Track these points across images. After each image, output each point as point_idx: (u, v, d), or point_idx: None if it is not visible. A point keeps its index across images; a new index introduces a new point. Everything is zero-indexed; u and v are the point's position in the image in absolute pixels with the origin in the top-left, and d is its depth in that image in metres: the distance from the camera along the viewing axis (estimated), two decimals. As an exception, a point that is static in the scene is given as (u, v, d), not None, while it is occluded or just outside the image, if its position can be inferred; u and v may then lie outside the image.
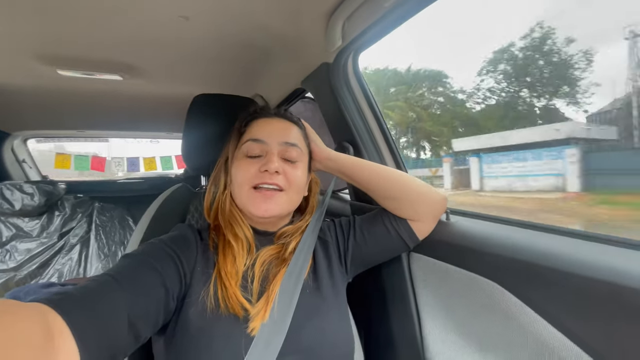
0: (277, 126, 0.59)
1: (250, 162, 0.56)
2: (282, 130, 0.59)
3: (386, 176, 0.64)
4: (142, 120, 1.98)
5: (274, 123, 0.60)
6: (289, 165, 0.57)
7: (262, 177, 0.54)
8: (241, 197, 0.56)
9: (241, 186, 0.56)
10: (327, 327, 0.54)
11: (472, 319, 0.58)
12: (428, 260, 0.67)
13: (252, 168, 0.55)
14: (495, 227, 0.63)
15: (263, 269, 0.55)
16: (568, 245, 0.50)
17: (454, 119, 18.42)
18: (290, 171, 0.56)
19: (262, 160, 0.55)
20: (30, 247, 1.72)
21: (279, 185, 0.55)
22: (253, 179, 0.54)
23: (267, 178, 0.54)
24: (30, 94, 1.39)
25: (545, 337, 0.46)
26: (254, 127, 0.59)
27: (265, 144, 0.56)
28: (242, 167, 0.56)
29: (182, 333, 0.47)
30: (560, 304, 0.45)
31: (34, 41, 0.92)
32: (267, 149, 0.56)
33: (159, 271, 0.45)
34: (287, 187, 0.56)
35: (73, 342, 0.32)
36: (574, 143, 8.61)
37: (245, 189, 0.55)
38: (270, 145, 0.56)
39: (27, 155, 2.24)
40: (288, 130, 0.59)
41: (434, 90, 19.00)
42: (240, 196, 0.56)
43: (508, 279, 0.52)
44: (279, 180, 0.55)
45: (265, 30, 0.87)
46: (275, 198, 0.55)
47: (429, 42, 37.13)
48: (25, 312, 0.30)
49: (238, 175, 0.56)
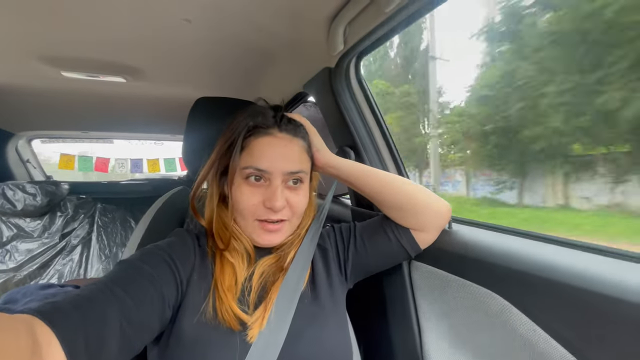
0: (282, 149, 0.54)
1: (253, 190, 0.53)
2: (287, 155, 0.54)
3: (389, 184, 0.62)
4: (146, 122, 1.99)
5: (278, 145, 0.54)
6: (292, 192, 0.54)
7: (266, 213, 0.52)
8: (245, 225, 0.54)
9: (244, 216, 0.54)
10: (325, 337, 0.52)
11: (472, 329, 0.57)
12: (429, 268, 0.66)
13: (254, 199, 0.52)
14: (497, 236, 0.62)
15: (261, 280, 0.54)
16: (569, 257, 0.49)
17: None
18: (293, 199, 0.54)
19: (266, 191, 0.52)
20: (31, 248, 1.73)
21: (283, 219, 0.54)
22: (257, 212, 0.53)
23: (272, 215, 0.52)
24: (34, 94, 1.41)
25: (545, 349, 0.45)
26: (255, 147, 0.53)
27: (268, 174, 0.53)
28: (245, 194, 0.53)
29: (177, 342, 0.46)
30: (560, 316, 0.44)
31: (39, 43, 0.93)
32: (270, 178, 0.53)
33: (155, 279, 0.44)
34: (291, 216, 0.55)
35: (62, 353, 0.31)
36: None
37: (249, 220, 0.54)
38: (275, 175, 0.52)
39: (31, 156, 2.26)
40: (292, 152, 0.55)
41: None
42: (243, 224, 0.55)
43: (509, 290, 0.51)
44: (284, 214, 0.53)
45: (267, 34, 0.87)
46: (280, 230, 0.54)
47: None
48: (12, 324, 0.29)
49: (241, 203, 0.53)
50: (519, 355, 0.49)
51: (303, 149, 0.57)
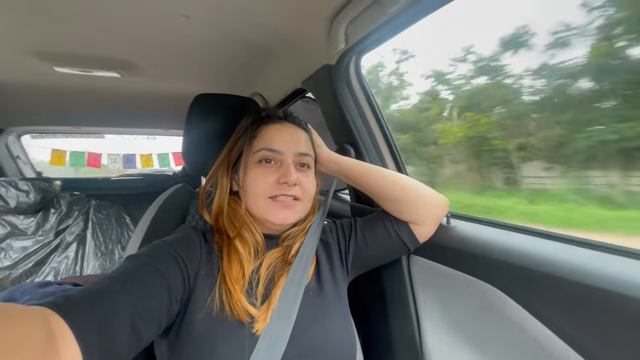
0: (291, 134, 0.59)
1: (266, 171, 0.56)
2: (296, 139, 0.59)
3: (389, 179, 0.64)
4: (139, 117, 1.96)
5: (287, 131, 0.59)
6: (303, 174, 0.58)
7: (281, 188, 0.55)
8: (257, 206, 0.56)
9: (257, 196, 0.56)
10: (330, 328, 0.54)
11: (470, 322, 0.59)
12: (428, 263, 0.68)
13: (269, 178, 0.55)
14: (495, 231, 0.64)
15: (269, 273, 0.56)
16: (566, 252, 0.50)
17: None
18: (304, 181, 0.57)
19: (278, 170, 0.56)
20: (25, 245, 1.70)
21: (297, 195, 0.56)
22: (271, 189, 0.55)
23: (285, 190, 0.55)
24: (25, 90, 1.37)
25: (542, 341, 0.46)
26: (266, 133, 0.58)
27: (280, 154, 0.56)
28: (258, 175, 0.56)
29: (185, 336, 0.47)
30: (558, 309, 0.45)
31: (30, 37, 0.90)
32: (282, 159, 0.56)
33: (163, 274, 0.45)
34: (303, 196, 0.57)
35: (76, 345, 0.32)
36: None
37: (262, 199, 0.55)
38: (286, 155, 0.56)
39: (21, 152, 2.21)
40: (300, 138, 0.59)
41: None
42: (256, 205, 0.56)
43: (507, 283, 0.52)
44: (296, 191, 0.56)
45: (267, 29, 0.86)
46: (293, 207, 0.56)
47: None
48: (27, 316, 0.30)
49: (255, 184, 0.56)
50: (517, 347, 0.50)
51: (308, 139, 0.62)
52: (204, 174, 0.79)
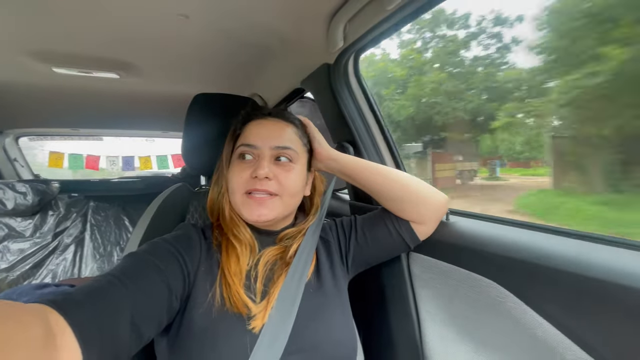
0: (270, 128, 0.58)
1: (243, 167, 0.56)
2: (275, 133, 0.57)
3: (389, 178, 0.64)
4: (138, 118, 1.96)
5: (267, 125, 0.59)
6: (282, 168, 0.56)
7: (253, 183, 0.54)
8: (236, 202, 0.56)
9: (234, 192, 0.56)
10: (330, 325, 0.54)
11: (471, 318, 0.59)
12: (427, 259, 0.68)
13: (244, 174, 0.55)
14: (494, 227, 0.64)
15: (266, 269, 0.56)
16: (566, 245, 0.51)
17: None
18: (282, 175, 0.55)
19: (254, 165, 0.55)
20: (23, 247, 1.69)
21: (270, 191, 0.54)
22: (245, 184, 0.54)
23: (257, 184, 0.54)
24: (23, 91, 1.37)
25: (544, 336, 0.46)
26: (247, 130, 0.59)
27: (256, 149, 0.56)
28: (235, 172, 0.56)
29: (186, 333, 0.47)
30: (559, 303, 0.45)
31: (29, 38, 0.90)
32: (259, 153, 0.56)
33: (163, 271, 0.45)
34: (281, 191, 0.55)
35: (75, 342, 0.32)
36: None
37: (238, 195, 0.55)
38: (262, 149, 0.56)
39: (18, 154, 2.20)
40: (281, 131, 0.58)
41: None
42: (235, 201, 0.57)
43: (507, 279, 0.52)
44: (270, 186, 0.54)
45: (266, 29, 0.87)
46: (268, 203, 0.54)
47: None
48: (25, 313, 0.30)
49: (232, 180, 0.56)
50: (517, 341, 0.50)
51: (294, 133, 0.60)
52: (203, 173, 0.80)
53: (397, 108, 6.01)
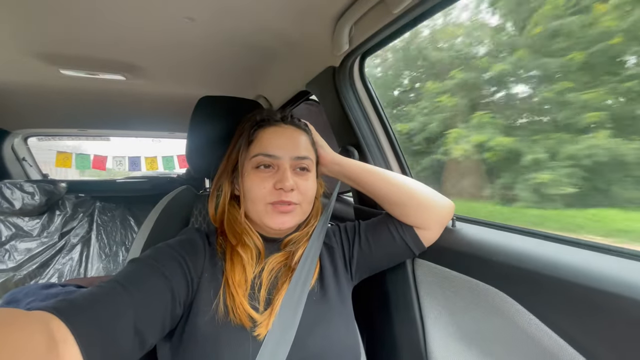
0: (288, 137, 0.57)
1: (263, 177, 0.55)
2: (293, 142, 0.57)
3: (393, 182, 0.63)
4: (144, 119, 1.98)
5: (285, 133, 0.58)
6: (301, 178, 0.56)
7: (278, 194, 0.54)
8: (257, 212, 0.55)
9: (255, 202, 0.55)
10: (334, 333, 0.53)
11: (476, 326, 0.58)
12: (432, 266, 0.67)
13: (266, 184, 0.54)
14: (500, 234, 0.63)
15: (271, 277, 0.55)
16: (574, 256, 0.50)
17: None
18: (302, 184, 0.56)
19: (275, 175, 0.54)
20: (30, 247, 1.71)
21: (294, 201, 0.55)
22: (268, 196, 0.54)
23: (282, 196, 0.53)
24: (31, 92, 1.39)
25: (548, 345, 0.46)
26: (263, 137, 0.57)
27: (277, 159, 0.55)
28: (255, 182, 0.55)
29: (189, 339, 0.47)
30: (564, 313, 0.45)
31: (37, 40, 0.92)
32: (279, 163, 0.55)
33: (166, 277, 0.45)
34: (302, 200, 0.56)
35: (77, 350, 0.32)
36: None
37: (261, 205, 0.55)
38: (283, 160, 0.55)
39: (27, 154, 2.23)
40: (298, 140, 0.58)
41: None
42: (255, 211, 0.56)
43: (512, 287, 0.52)
44: (293, 196, 0.54)
45: (271, 32, 0.86)
46: (291, 212, 0.55)
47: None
48: (28, 321, 0.30)
49: (252, 190, 0.55)
50: (522, 350, 0.50)
51: (308, 141, 0.60)
52: (207, 176, 0.80)
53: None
